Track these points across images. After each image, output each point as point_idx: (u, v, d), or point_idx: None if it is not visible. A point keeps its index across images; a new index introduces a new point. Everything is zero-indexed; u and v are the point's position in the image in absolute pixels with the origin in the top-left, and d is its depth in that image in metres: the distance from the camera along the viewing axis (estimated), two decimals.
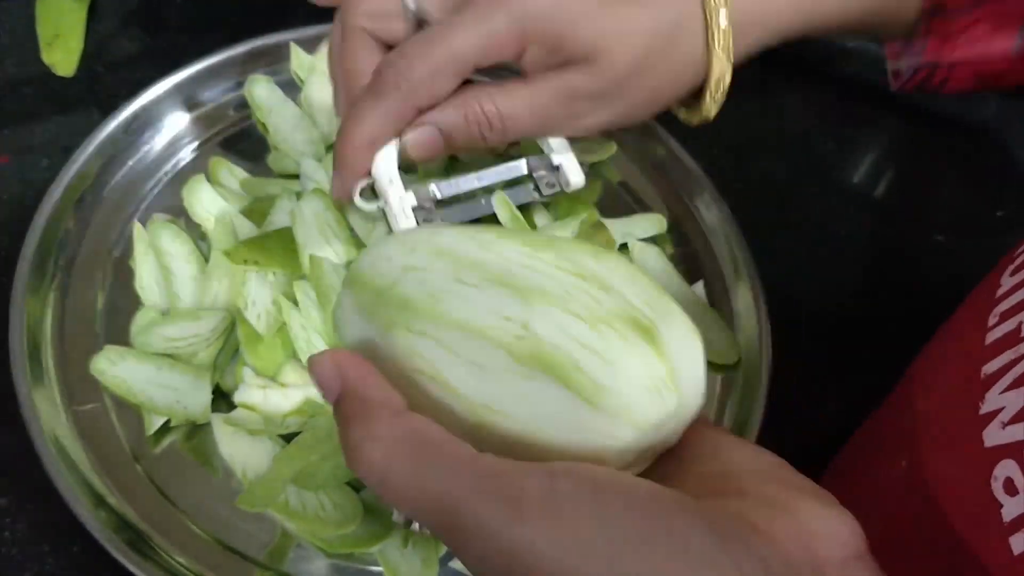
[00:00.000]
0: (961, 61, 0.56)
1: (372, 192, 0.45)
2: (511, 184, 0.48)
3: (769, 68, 0.68)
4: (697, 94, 0.48)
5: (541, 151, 0.49)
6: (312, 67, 0.58)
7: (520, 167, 0.48)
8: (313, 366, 0.28)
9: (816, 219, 0.63)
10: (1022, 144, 0.69)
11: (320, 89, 0.56)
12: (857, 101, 0.69)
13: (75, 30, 0.59)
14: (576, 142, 0.49)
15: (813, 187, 0.64)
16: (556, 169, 0.48)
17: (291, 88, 0.57)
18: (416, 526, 0.31)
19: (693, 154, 0.59)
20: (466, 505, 0.24)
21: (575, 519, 0.23)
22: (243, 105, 0.57)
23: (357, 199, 0.44)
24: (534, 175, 0.48)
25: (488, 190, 0.48)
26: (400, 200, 0.44)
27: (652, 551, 0.23)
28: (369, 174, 0.44)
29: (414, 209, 0.44)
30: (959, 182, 0.68)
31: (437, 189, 0.46)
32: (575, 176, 0.48)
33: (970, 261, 0.62)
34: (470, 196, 0.48)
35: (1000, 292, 0.37)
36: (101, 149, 0.53)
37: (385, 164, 0.44)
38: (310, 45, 0.59)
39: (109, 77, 0.59)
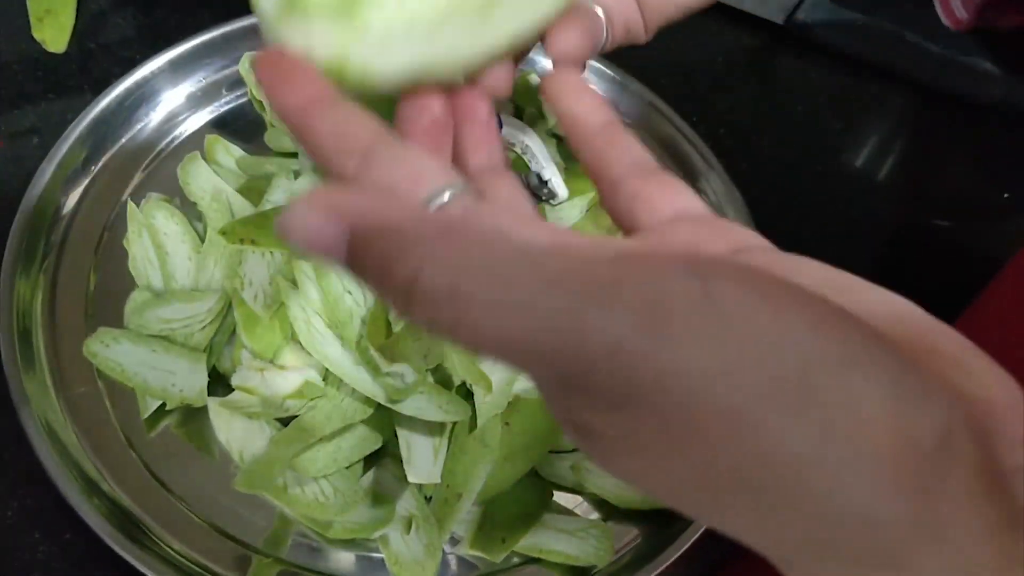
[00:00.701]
0: None
1: None
2: None
3: (777, 47, 0.68)
4: None
5: (527, 167, 0.52)
6: None
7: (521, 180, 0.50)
8: (292, 220, 0.20)
9: (823, 200, 0.61)
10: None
11: None
12: (864, 81, 0.67)
13: (66, 6, 0.57)
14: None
15: (820, 167, 0.63)
16: (544, 183, 0.51)
17: None
18: None
19: (699, 133, 0.58)
20: (590, 323, 0.17)
21: (744, 324, 0.17)
22: (239, 83, 0.56)
23: None
24: (531, 187, 0.52)
25: None
26: None
27: (851, 378, 0.17)
28: None
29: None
30: (966, 163, 0.67)
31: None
32: (561, 190, 0.52)
33: (979, 243, 0.62)
34: None
35: None
36: (93, 127, 0.51)
37: None
38: None
39: (101, 54, 0.58)
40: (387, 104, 0.53)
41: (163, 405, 0.44)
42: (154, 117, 0.54)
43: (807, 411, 0.17)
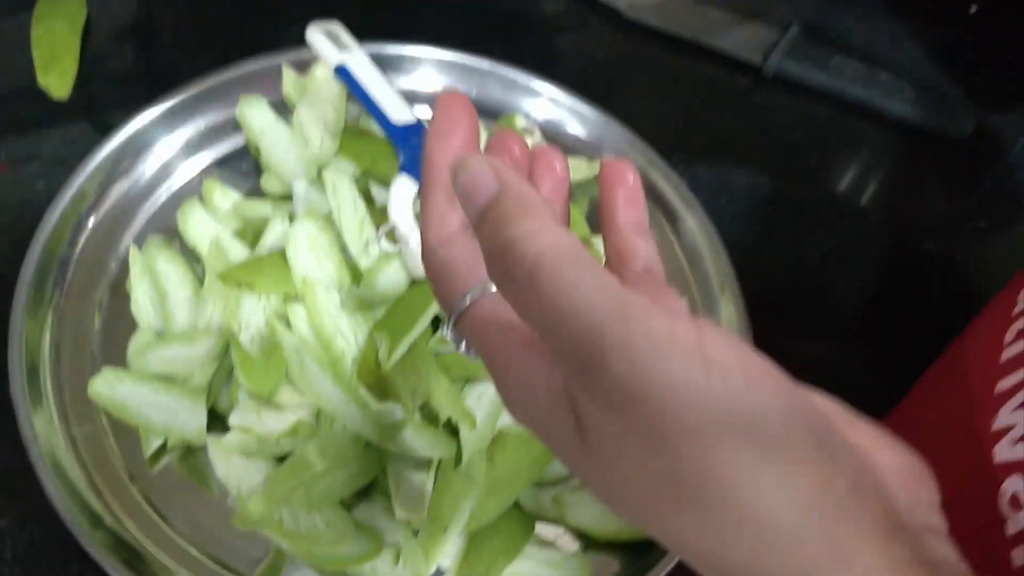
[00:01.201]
0: None
1: (393, 235, 0.51)
2: None
3: (754, 86, 0.70)
4: None
5: None
6: (304, 89, 0.59)
7: None
8: (465, 166, 0.26)
9: (800, 232, 0.64)
10: (999, 156, 0.70)
11: (311, 110, 0.57)
12: (840, 116, 0.70)
13: (70, 52, 0.60)
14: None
15: (796, 201, 0.65)
16: None
17: (283, 109, 0.58)
18: (463, 349, 0.30)
19: (678, 167, 0.60)
20: (612, 330, 0.23)
21: (723, 369, 0.22)
22: (236, 126, 0.58)
23: (381, 241, 0.50)
24: None
25: None
26: (418, 243, 0.46)
27: (790, 430, 0.23)
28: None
29: None
30: (941, 193, 0.69)
31: None
32: None
33: (957, 270, 0.64)
34: None
35: (1017, 310, 0.38)
36: (97, 171, 0.53)
37: (404, 211, 0.50)
38: (302, 67, 0.60)
39: (104, 96, 0.60)
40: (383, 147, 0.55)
41: (165, 442, 0.46)
42: (154, 161, 0.56)
43: (752, 444, 0.22)
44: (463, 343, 0.30)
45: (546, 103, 0.63)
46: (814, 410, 0.23)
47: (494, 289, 0.29)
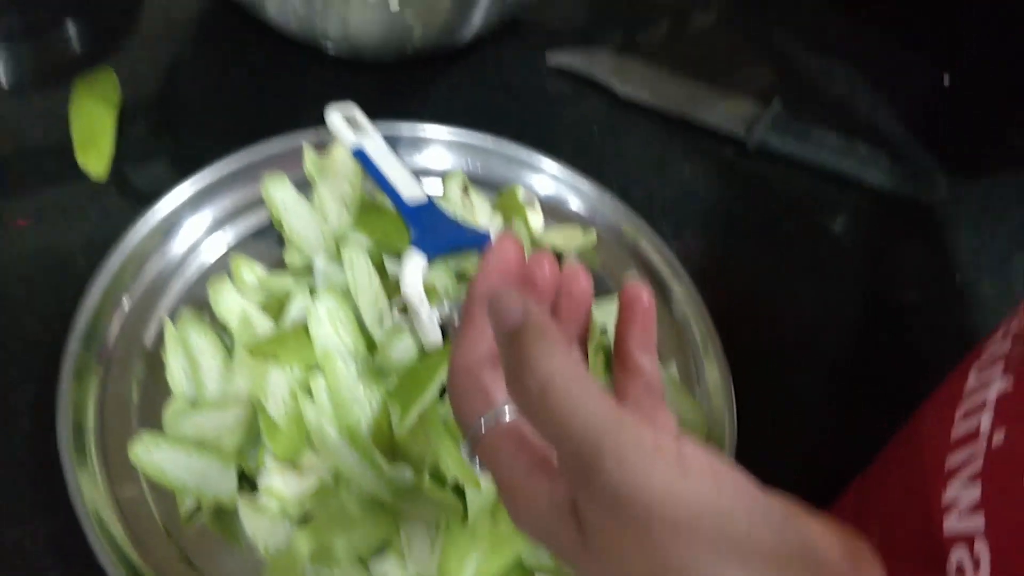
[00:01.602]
0: None
1: (404, 309, 0.55)
2: None
3: (739, 158, 0.75)
4: None
5: None
6: (323, 167, 0.64)
7: None
8: (499, 298, 0.33)
9: (783, 296, 0.69)
10: (970, 222, 0.75)
11: (330, 187, 0.63)
12: (820, 185, 0.75)
13: (106, 133, 0.65)
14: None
15: (780, 267, 0.70)
16: None
17: (305, 186, 0.63)
18: (476, 466, 0.37)
19: (667, 235, 0.65)
20: (608, 441, 0.29)
21: (698, 475, 0.28)
22: (261, 202, 0.63)
23: (394, 313, 0.55)
24: None
25: None
26: (428, 316, 0.54)
27: (742, 525, 0.28)
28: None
29: (440, 324, 0.54)
30: (917, 255, 0.74)
31: (455, 308, 0.55)
32: None
33: (934, 329, 0.69)
34: None
35: (967, 387, 0.41)
36: (133, 250, 0.58)
37: (415, 286, 0.54)
38: (322, 145, 0.65)
39: (138, 174, 0.65)
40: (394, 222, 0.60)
41: (199, 502, 0.51)
42: (184, 237, 0.61)
43: (721, 538, 0.28)
44: (476, 460, 0.36)
45: (545, 177, 0.68)
46: (773, 507, 0.30)
47: (506, 419, 0.35)
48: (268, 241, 0.63)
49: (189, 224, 0.62)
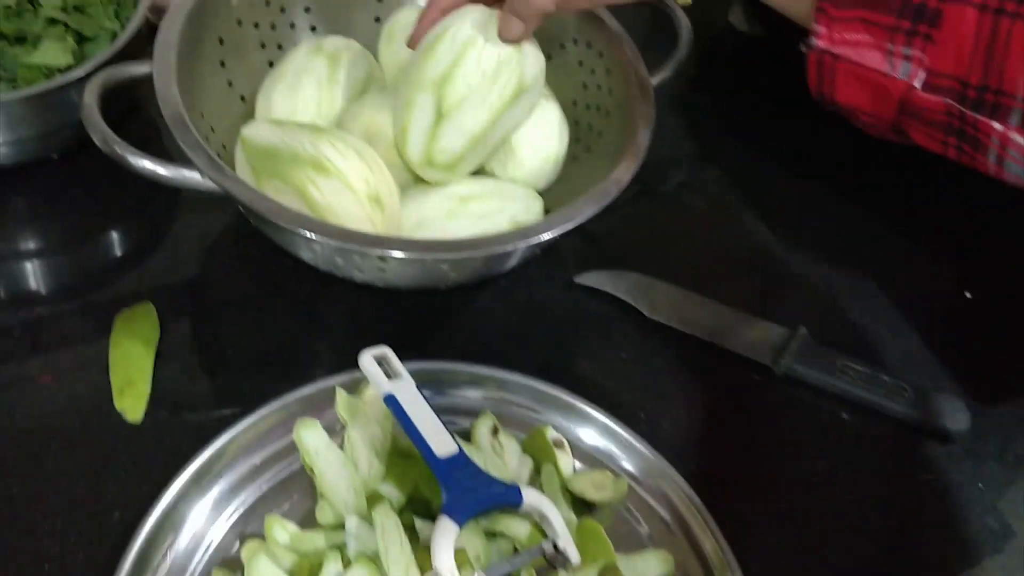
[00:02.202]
0: (844, 56, 0.73)
1: None
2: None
3: (765, 384, 0.76)
4: None
5: (544, 535, 0.60)
6: (354, 408, 0.65)
7: (538, 551, 0.59)
8: None
9: (809, 533, 0.68)
10: (991, 454, 0.75)
11: (361, 431, 0.63)
12: (844, 413, 0.75)
13: (143, 377, 0.66)
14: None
15: (808, 502, 0.70)
16: (559, 552, 0.59)
17: (336, 431, 0.64)
18: None
19: (692, 469, 0.66)
20: None
21: None
22: (294, 450, 0.64)
23: None
24: (546, 555, 0.59)
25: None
26: None
27: None
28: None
29: None
30: (938, 487, 0.74)
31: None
32: (574, 556, 0.58)
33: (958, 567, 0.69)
34: None
35: None
36: (171, 504, 0.59)
37: (447, 560, 0.54)
38: (353, 387, 0.66)
39: (174, 419, 0.66)
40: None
41: None
42: (220, 488, 0.62)
43: None
44: None
45: (575, 417, 0.69)
46: None
47: None
48: (301, 487, 0.63)
49: (224, 476, 0.62)
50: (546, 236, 0.66)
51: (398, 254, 0.63)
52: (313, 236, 0.61)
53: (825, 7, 0.72)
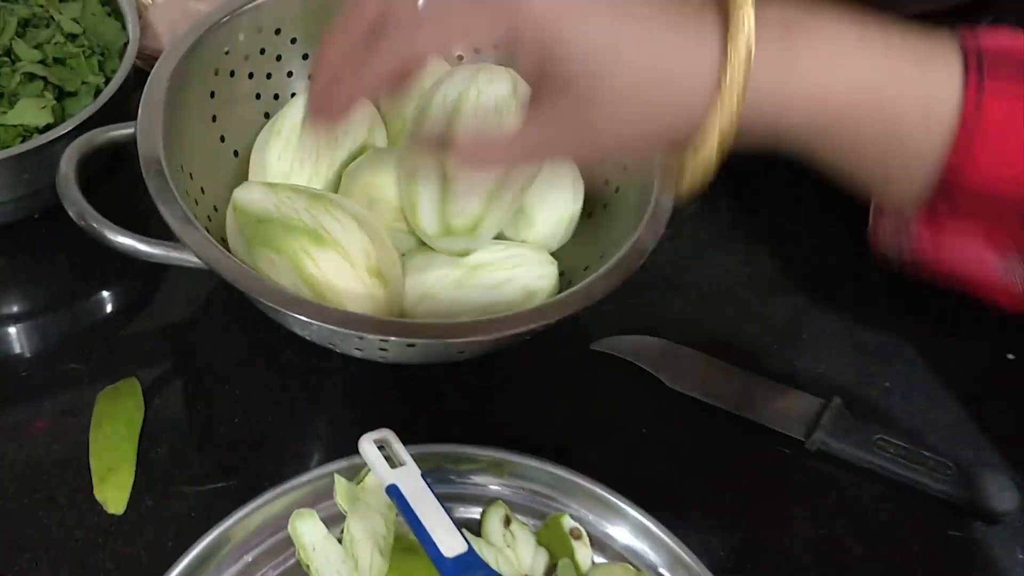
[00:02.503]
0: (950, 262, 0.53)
1: None
2: None
3: (795, 458, 0.71)
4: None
5: None
6: (354, 496, 0.60)
7: None
8: None
9: None
10: None
11: (362, 522, 0.58)
12: (879, 491, 0.70)
13: (127, 461, 0.61)
14: None
15: None
16: None
17: (335, 521, 0.59)
18: None
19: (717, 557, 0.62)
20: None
21: None
22: (289, 543, 0.59)
23: None
24: None
25: None
26: None
27: None
28: None
29: None
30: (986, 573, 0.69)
31: None
32: None
33: None
34: None
35: None
36: None
37: None
38: (353, 473, 0.61)
39: (157, 512, 0.61)
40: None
41: None
42: None
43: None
44: None
45: (594, 504, 0.63)
46: None
47: None
48: None
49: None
50: (564, 314, 0.60)
51: (401, 340, 0.58)
52: (308, 320, 0.56)
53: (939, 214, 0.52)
